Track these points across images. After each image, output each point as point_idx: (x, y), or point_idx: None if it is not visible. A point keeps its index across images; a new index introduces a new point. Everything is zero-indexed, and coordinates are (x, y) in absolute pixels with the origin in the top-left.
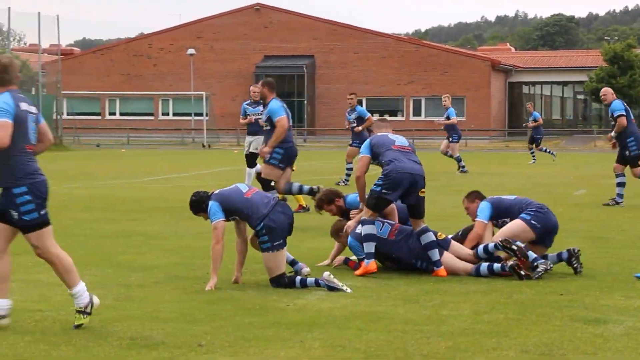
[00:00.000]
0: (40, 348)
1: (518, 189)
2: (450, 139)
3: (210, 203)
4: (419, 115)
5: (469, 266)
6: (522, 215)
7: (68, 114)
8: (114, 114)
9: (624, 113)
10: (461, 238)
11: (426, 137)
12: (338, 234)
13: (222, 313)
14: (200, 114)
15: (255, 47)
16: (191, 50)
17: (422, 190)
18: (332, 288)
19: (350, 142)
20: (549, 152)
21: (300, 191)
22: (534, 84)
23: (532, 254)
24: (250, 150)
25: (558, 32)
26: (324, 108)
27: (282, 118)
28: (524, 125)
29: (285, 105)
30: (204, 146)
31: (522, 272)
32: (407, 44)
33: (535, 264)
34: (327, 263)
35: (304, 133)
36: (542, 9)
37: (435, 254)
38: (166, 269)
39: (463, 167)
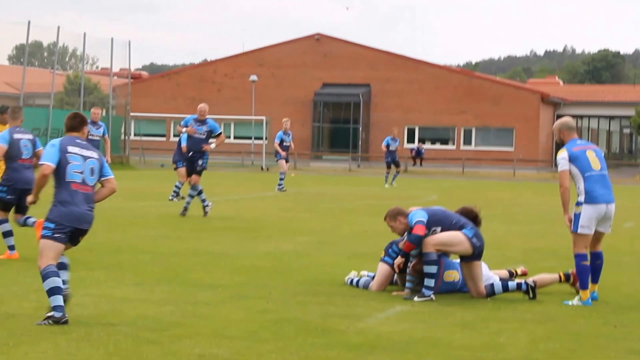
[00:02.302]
0: None
1: None
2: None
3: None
4: (469, 144)
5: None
6: (464, 231)
7: (135, 135)
8: (178, 135)
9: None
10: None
11: (475, 167)
12: None
13: (286, 333)
14: (260, 138)
15: (314, 74)
16: (253, 77)
17: None
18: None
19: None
20: None
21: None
22: (581, 117)
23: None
24: None
25: (605, 67)
26: (378, 135)
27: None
28: None
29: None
30: (262, 169)
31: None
32: (460, 75)
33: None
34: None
35: (358, 159)
36: (590, 45)
37: None
38: (232, 288)
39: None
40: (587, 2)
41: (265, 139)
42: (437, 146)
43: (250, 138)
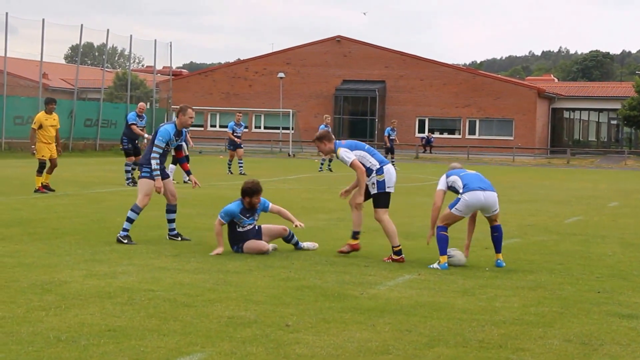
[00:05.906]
0: (153, 322)
1: (563, 200)
2: None
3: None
4: (474, 134)
5: None
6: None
7: None
8: (215, 126)
9: None
10: None
11: (479, 153)
12: None
13: (306, 298)
14: (287, 128)
15: (335, 72)
16: (281, 74)
17: None
18: None
19: None
20: None
21: None
22: (573, 110)
23: None
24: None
25: (595, 66)
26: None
27: None
28: None
29: None
30: (289, 155)
31: None
32: (465, 73)
33: None
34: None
35: (375, 147)
36: (582, 46)
37: None
38: (259, 259)
39: None
40: (580, 7)
41: (292, 129)
42: (445, 135)
43: (278, 128)
